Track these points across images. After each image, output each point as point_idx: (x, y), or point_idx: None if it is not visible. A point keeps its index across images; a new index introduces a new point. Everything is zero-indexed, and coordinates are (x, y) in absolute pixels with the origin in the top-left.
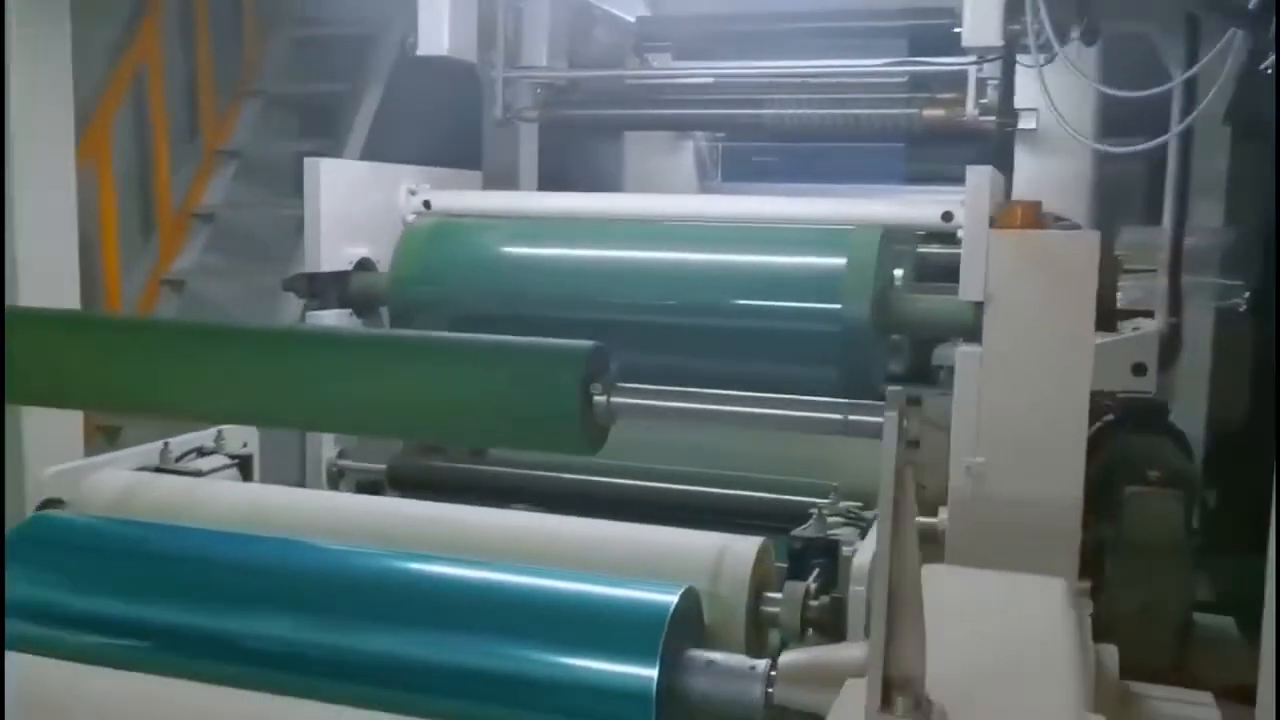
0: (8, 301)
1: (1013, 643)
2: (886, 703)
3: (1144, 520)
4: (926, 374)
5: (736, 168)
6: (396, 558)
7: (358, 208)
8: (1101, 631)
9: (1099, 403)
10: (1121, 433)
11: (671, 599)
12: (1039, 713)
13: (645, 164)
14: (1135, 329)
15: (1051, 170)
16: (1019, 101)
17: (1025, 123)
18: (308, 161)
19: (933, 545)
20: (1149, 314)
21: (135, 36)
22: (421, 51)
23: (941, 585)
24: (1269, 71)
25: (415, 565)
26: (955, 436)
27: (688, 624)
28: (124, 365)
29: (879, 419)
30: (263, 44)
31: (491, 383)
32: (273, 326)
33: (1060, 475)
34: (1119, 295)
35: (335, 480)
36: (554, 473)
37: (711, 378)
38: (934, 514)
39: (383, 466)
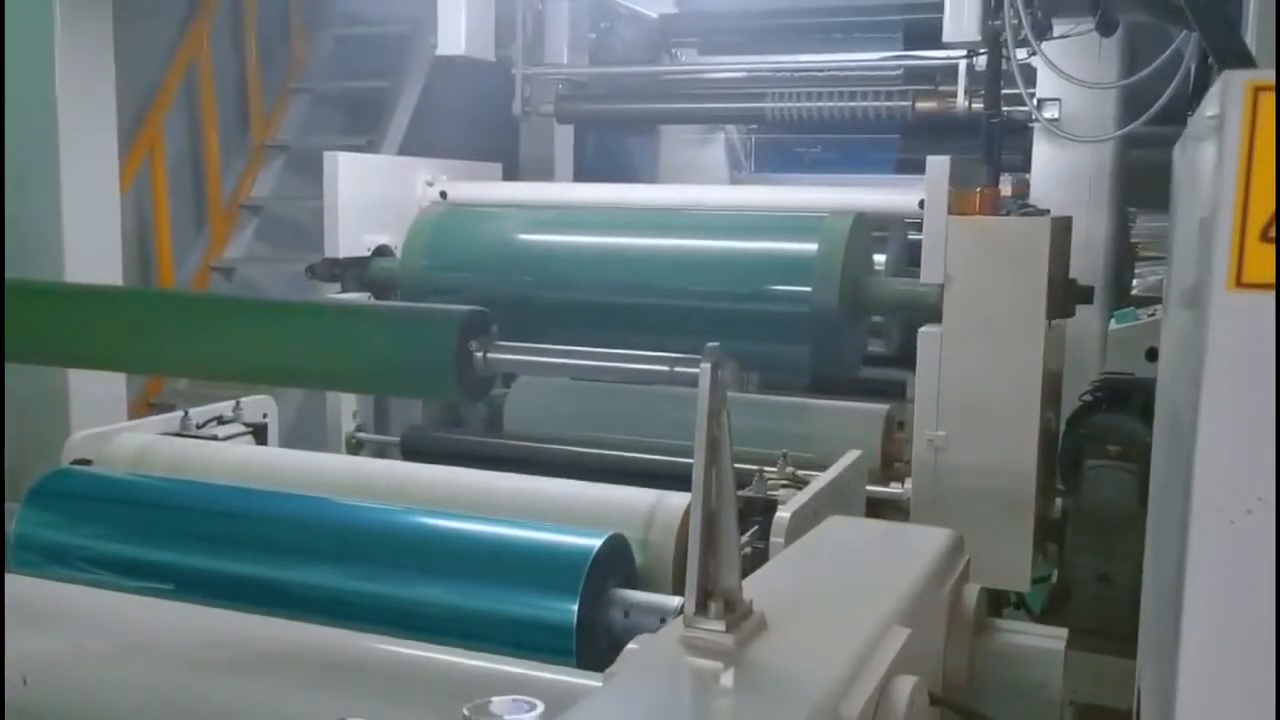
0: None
1: (860, 574)
2: (702, 607)
3: (1100, 492)
4: (913, 356)
5: (769, 159)
6: (369, 509)
7: (377, 198)
8: (1062, 595)
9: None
10: (1096, 410)
11: (595, 543)
12: (843, 622)
13: (679, 156)
14: (1151, 315)
15: (1072, 159)
16: (1041, 92)
17: (1048, 112)
18: (326, 155)
19: (900, 514)
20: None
21: (187, 37)
22: (441, 51)
23: (831, 531)
24: None
25: (386, 515)
26: (918, 411)
27: (614, 566)
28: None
29: (696, 370)
30: (309, 43)
31: (387, 339)
32: (216, 295)
33: (1015, 447)
34: (1135, 281)
35: (354, 451)
36: (550, 444)
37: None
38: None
39: (396, 439)
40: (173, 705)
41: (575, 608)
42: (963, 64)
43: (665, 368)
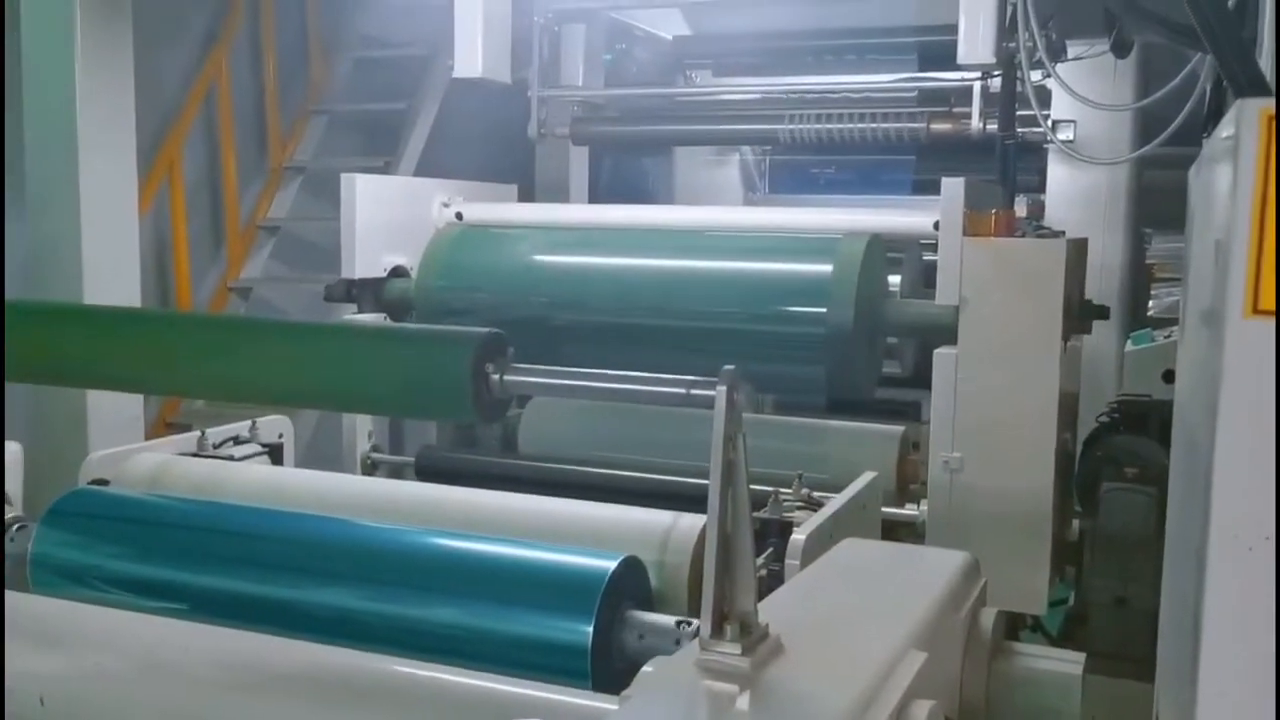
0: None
1: (876, 596)
2: (717, 630)
3: (1118, 515)
4: (928, 377)
5: (784, 180)
6: (384, 529)
7: (393, 219)
8: (1080, 618)
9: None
10: (1113, 432)
11: (610, 565)
12: (859, 645)
13: (694, 177)
14: (1167, 336)
15: (1087, 180)
16: (1056, 113)
17: (1063, 134)
18: (344, 177)
19: (916, 536)
20: None
21: (207, 60)
22: (457, 73)
23: (846, 553)
24: None
25: (401, 536)
26: (933, 433)
27: (629, 588)
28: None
29: (712, 393)
30: (327, 65)
31: (403, 361)
32: (231, 316)
33: (1032, 469)
34: (1151, 302)
35: (369, 471)
36: (564, 465)
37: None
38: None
39: (411, 459)
40: None
41: (590, 630)
42: (977, 85)
43: (681, 390)
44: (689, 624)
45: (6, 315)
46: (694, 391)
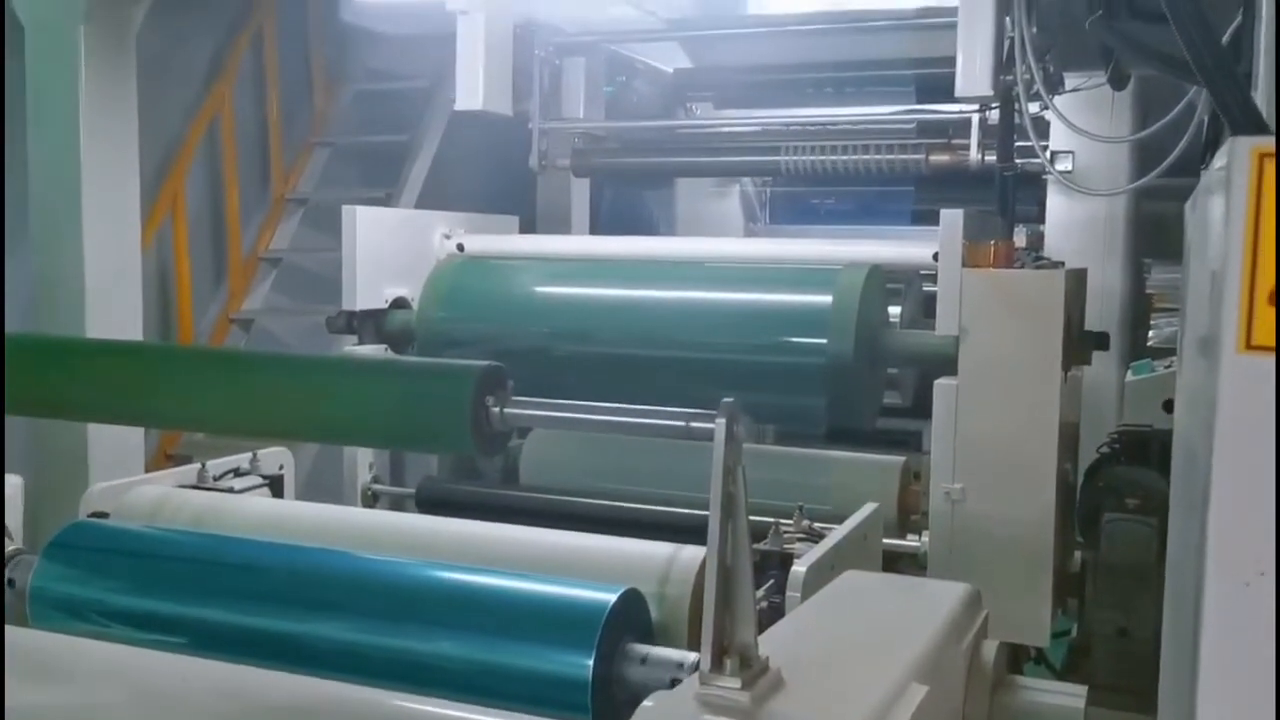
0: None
1: (877, 629)
2: (718, 664)
3: (1119, 546)
4: (928, 407)
5: (784, 211)
6: (383, 562)
7: (394, 251)
8: (1083, 650)
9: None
10: (1114, 462)
11: (610, 598)
12: (861, 678)
13: (694, 209)
14: (1168, 366)
15: (1086, 210)
16: (1056, 144)
17: (1061, 164)
18: (345, 209)
19: (917, 567)
20: None
21: (210, 93)
22: (459, 106)
23: (847, 586)
24: None
25: (401, 568)
26: (934, 463)
27: (629, 620)
28: (92, 381)
29: (712, 425)
30: (330, 98)
31: (403, 394)
32: (231, 350)
33: (1034, 500)
34: (1151, 332)
35: (370, 503)
36: (566, 496)
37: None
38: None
39: (412, 491)
40: None
41: (590, 663)
42: (975, 117)
43: (681, 423)
44: (690, 657)
45: (8, 349)
46: (694, 424)
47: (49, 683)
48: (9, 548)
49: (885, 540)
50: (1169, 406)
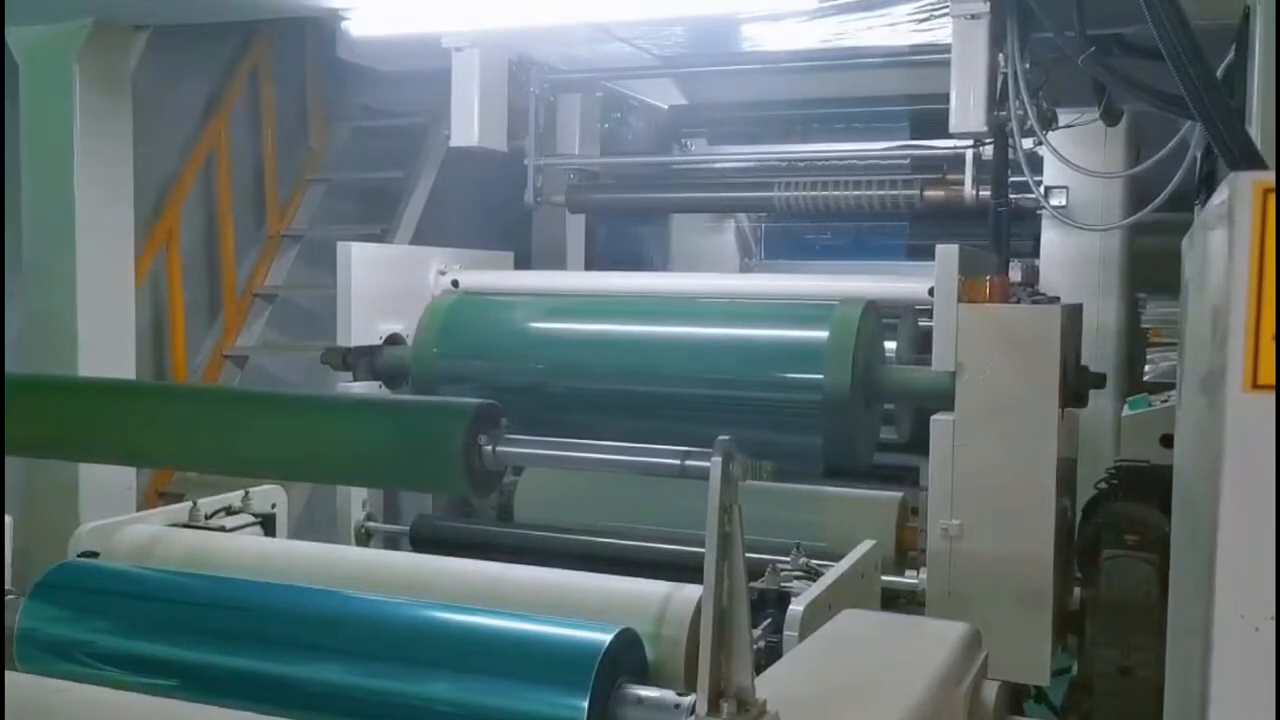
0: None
1: (876, 670)
2: (714, 707)
3: (1119, 583)
4: (926, 442)
5: (779, 246)
6: (376, 602)
7: (389, 287)
8: (1084, 688)
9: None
10: (1112, 498)
11: (605, 638)
12: None
13: (689, 244)
14: (1164, 401)
15: (1081, 245)
16: (1049, 180)
17: (1055, 200)
18: (340, 245)
19: (915, 604)
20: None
21: (206, 129)
22: (454, 142)
23: (845, 625)
24: None
25: (394, 609)
26: (932, 500)
27: (625, 661)
28: (76, 420)
29: (707, 464)
30: (325, 134)
31: (395, 433)
32: (221, 388)
33: (1031, 536)
34: (1147, 367)
35: (364, 541)
36: (561, 533)
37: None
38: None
39: (406, 528)
40: None
41: (585, 704)
42: (969, 153)
43: (676, 461)
44: (686, 699)
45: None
46: (689, 462)
47: None
48: None
49: (883, 577)
50: (1166, 441)
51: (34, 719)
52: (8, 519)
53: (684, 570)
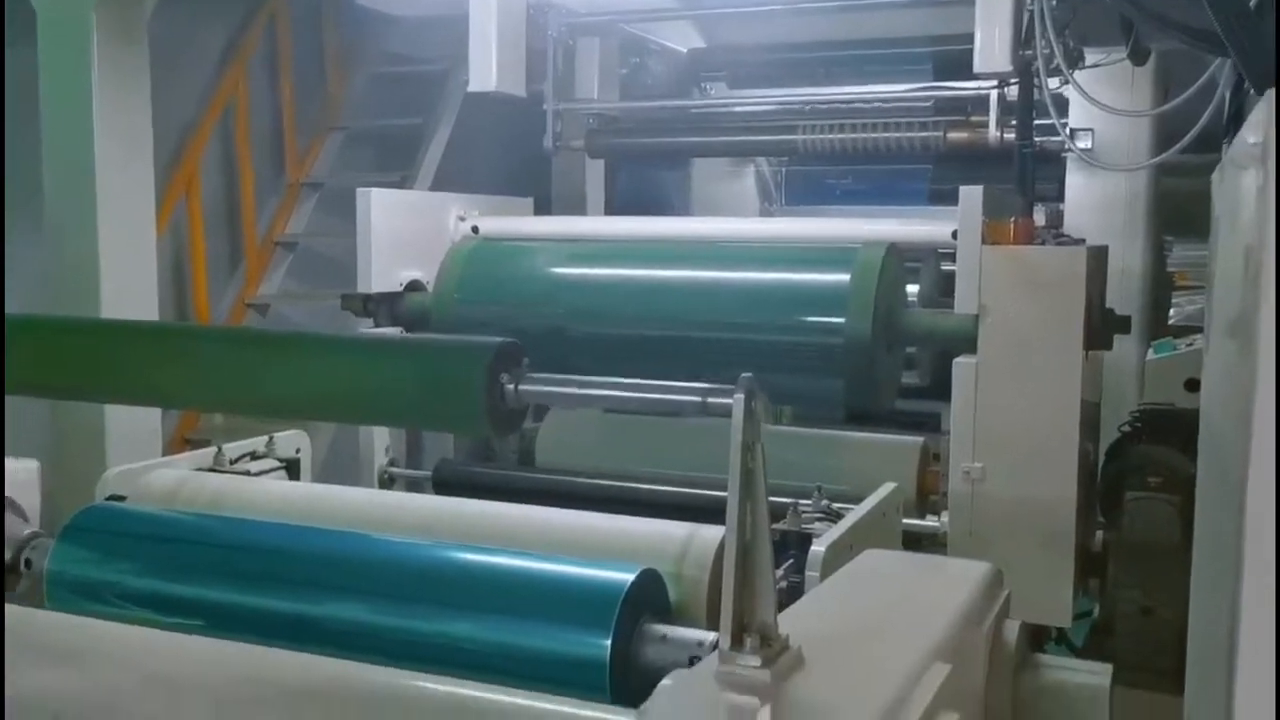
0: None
1: (897, 607)
2: (737, 642)
3: (1142, 524)
4: (947, 388)
5: (800, 192)
6: (400, 544)
7: (409, 233)
8: (1105, 630)
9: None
10: (1136, 441)
11: (628, 577)
12: (882, 658)
13: (710, 190)
14: (1189, 345)
15: (1106, 188)
16: (1075, 122)
17: (1081, 142)
18: (359, 192)
19: (937, 547)
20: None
21: (223, 78)
22: (472, 88)
23: (867, 564)
24: None
25: (418, 550)
26: (954, 443)
27: (647, 600)
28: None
29: (729, 401)
30: (343, 81)
31: (417, 372)
32: (244, 328)
33: (1054, 479)
34: (1172, 311)
35: (386, 486)
36: (582, 478)
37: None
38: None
39: (428, 473)
40: None
41: (608, 643)
42: (994, 94)
43: (698, 399)
44: (708, 636)
45: (25, 330)
46: (710, 400)
47: (65, 665)
48: (25, 531)
49: (905, 520)
50: (1191, 385)
51: (64, 656)
52: (35, 464)
53: (704, 513)
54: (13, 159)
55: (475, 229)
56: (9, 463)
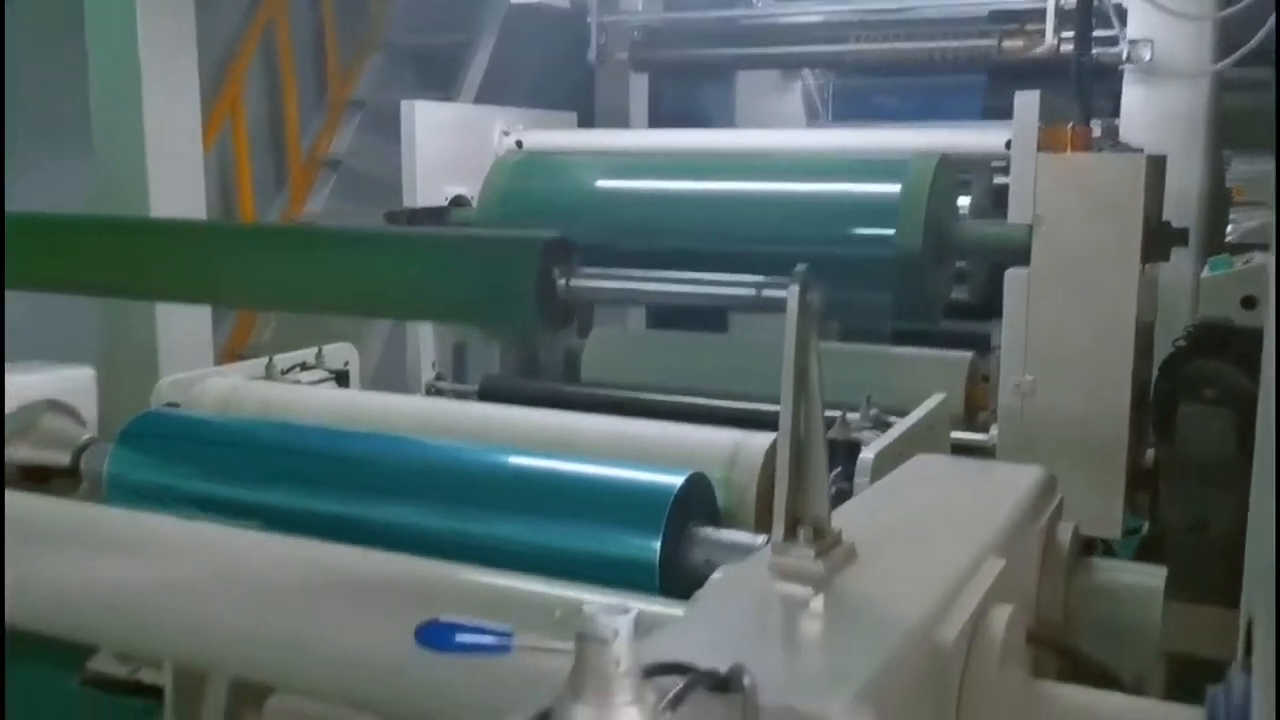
0: None
1: (951, 508)
2: (790, 533)
3: (1195, 438)
4: (997, 307)
5: (846, 107)
6: (452, 448)
7: (453, 148)
8: (1153, 546)
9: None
10: (1191, 356)
11: (677, 480)
12: (936, 552)
13: (755, 105)
14: (1246, 262)
15: (1165, 101)
16: (1134, 33)
17: (1141, 53)
18: (404, 105)
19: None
20: (1264, 247)
21: None
22: (515, 0)
23: (918, 467)
24: None
25: (469, 454)
26: (1004, 355)
27: (696, 504)
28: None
29: (784, 293)
30: None
31: (469, 266)
32: (293, 225)
33: (1106, 392)
34: (1230, 228)
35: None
36: (628, 391)
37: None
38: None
39: (474, 387)
40: (265, 630)
41: (658, 545)
42: (1051, 2)
43: (751, 291)
44: (758, 539)
45: (75, 231)
46: (765, 293)
47: (126, 558)
48: (84, 437)
49: (953, 434)
50: (1248, 303)
51: (128, 550)
52: (90, 370)
53: (751, 424)
54: (60, 82)
55: (519, 143)
56: (63, 369)
